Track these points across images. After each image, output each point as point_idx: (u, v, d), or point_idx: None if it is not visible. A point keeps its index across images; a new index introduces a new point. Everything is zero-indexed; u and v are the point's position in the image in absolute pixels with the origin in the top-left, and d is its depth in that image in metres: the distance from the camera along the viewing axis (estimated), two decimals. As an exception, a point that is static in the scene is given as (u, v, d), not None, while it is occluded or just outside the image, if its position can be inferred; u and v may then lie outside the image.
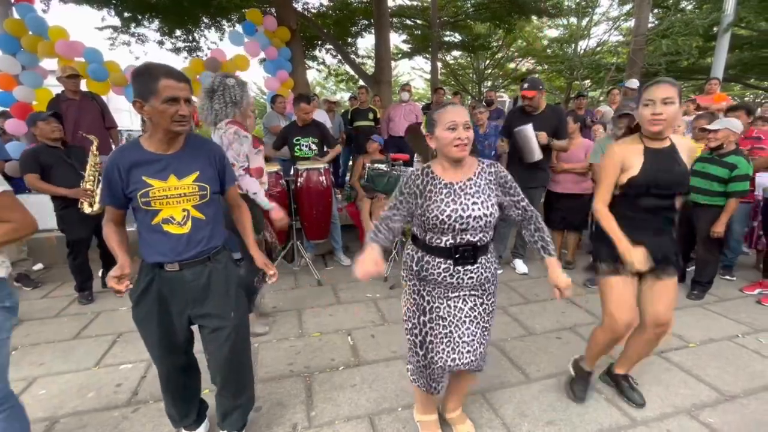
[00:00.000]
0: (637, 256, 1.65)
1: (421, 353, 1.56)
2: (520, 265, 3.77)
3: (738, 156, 2.91)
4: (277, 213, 2.44)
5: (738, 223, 3.43)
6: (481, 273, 1.51)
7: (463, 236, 1.44)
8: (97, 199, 3.08)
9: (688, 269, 3.46)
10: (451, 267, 1.46)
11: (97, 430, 1.84)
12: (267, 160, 3.80)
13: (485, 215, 1.42)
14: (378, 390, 2.09)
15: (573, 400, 1.98)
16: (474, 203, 1.42)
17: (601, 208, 1.77)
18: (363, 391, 2.08)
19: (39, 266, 3.93)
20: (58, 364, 2.36)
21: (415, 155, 4.82)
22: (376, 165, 4.15)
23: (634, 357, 1.97)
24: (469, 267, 1.48)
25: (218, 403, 1.67)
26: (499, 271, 3.92)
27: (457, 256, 1.45)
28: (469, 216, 1.41)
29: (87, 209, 3.06)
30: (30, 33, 4.68)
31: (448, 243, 1.45)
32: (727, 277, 3.55)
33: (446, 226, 1.42)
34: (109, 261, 3.39)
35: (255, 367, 2.21)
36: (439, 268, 1.48)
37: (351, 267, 3.86)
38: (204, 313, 1.51)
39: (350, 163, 6.31)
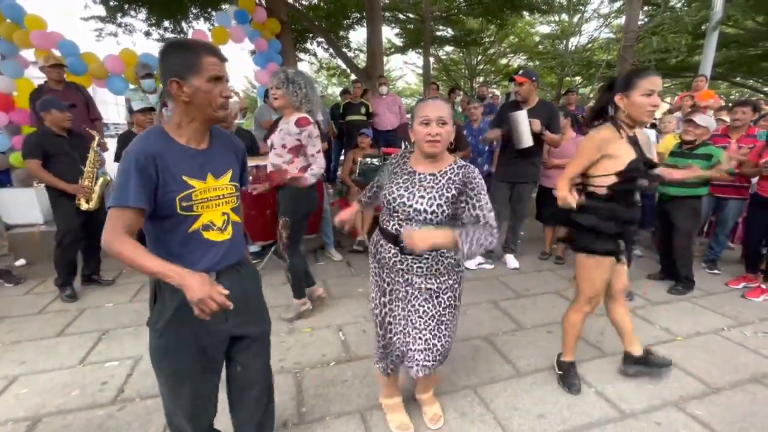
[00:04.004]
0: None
1: (381, 333, 1.62)
2: (511, 260, 3.79)
3: (708, 146, 3.08)
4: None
5: (732, 219, 3.51)
6: (432, 264, 1.48)
7: (410, 225, 1.44)
8: (95, 196, 3.03)
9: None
10: (399, 253, 1.48)
11: (81, 429, 1.79)
12: (262, 154, 3.77)
13: (425, 211, 1.40)
14: (369, 385, 2.07)
15: (570, 393, 2.00)
16: (422, 196, 1.41)
17: (565, 185, 1.83)
18: (354, 386, 2.07)
19: (21, 262, 3.82)
20: (41, 362, 2.29)
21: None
22: (368, 159, 4.12)
23: (575, 338, 2.08)
24: (416, 257, 1.46)
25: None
26: (490, 267, 3.89)
27: (401, 245, 1.42)
28: (410, 206, 1.42)
29: (84, 206, 2.99)
30: (7, 21, 4.51)
31: (394, 228, 1.47)
32: (715, 271, 3.61)
33: (391, 207, 1.46)
34: (92, 255, 3.30)
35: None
36: (389, 252, 1.51)
37: (342, 262, 3.87)
38: (243, 322, 1.33)
39: (342, 157, 6.24)
